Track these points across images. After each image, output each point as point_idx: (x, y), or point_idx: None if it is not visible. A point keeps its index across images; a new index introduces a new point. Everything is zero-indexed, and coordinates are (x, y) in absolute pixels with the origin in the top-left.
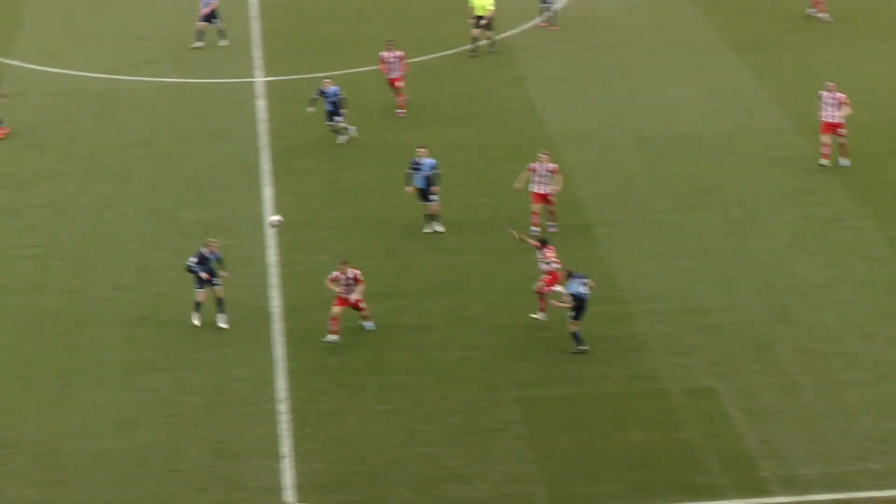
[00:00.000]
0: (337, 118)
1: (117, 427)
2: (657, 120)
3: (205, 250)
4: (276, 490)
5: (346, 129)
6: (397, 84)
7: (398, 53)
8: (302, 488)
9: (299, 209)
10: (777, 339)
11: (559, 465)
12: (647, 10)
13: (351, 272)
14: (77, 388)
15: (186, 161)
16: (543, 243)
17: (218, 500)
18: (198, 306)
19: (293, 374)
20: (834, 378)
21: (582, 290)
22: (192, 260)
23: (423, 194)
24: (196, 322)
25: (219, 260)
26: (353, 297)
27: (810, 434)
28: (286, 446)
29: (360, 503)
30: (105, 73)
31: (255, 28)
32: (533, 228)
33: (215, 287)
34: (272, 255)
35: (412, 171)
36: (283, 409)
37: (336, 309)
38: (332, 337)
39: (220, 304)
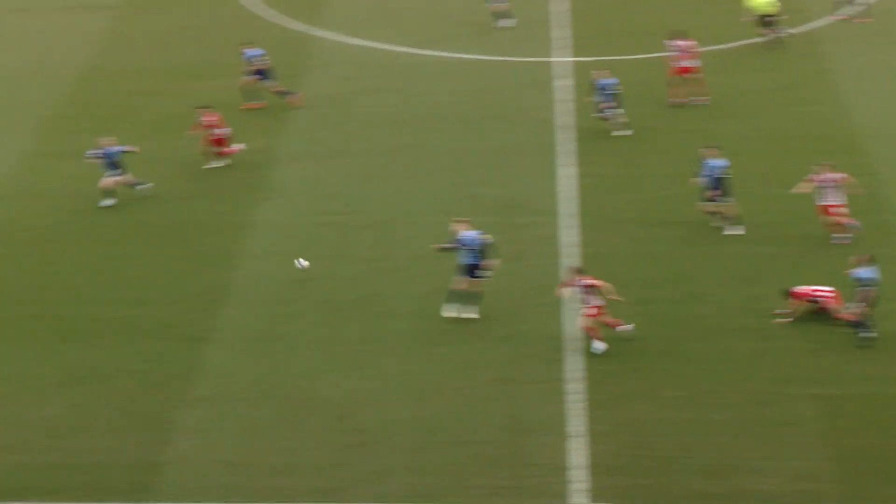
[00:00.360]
0: (612, 110)
1: (411, 395)
2: None
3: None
4: (565, 469)
5: (623, 122)
6: (691, 74)
7: (688, 42)
8: (591, 469)
9: (599, 191)
10: None
11: (854, 464)
12: None
13: (585, 280)
14: (373, 355)
15: (485, 138)
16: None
17: (507, 474)
18: (455, 295)
19: (587, 355)
20: None
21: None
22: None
23: (713, 196)
24: (449, 314)
25: (483, 248)
26: (594, 304)
27: None
28: (578, 426)
29: (649, 487)
30: (408, 47)
31: (556, 8)
32: (835, 237)
33: (478, 279)
34: (570, 235)
35: (701, 175)
36: (576, 388)
37: (586, 321)
38: (598, 345)
39: (475, 297)
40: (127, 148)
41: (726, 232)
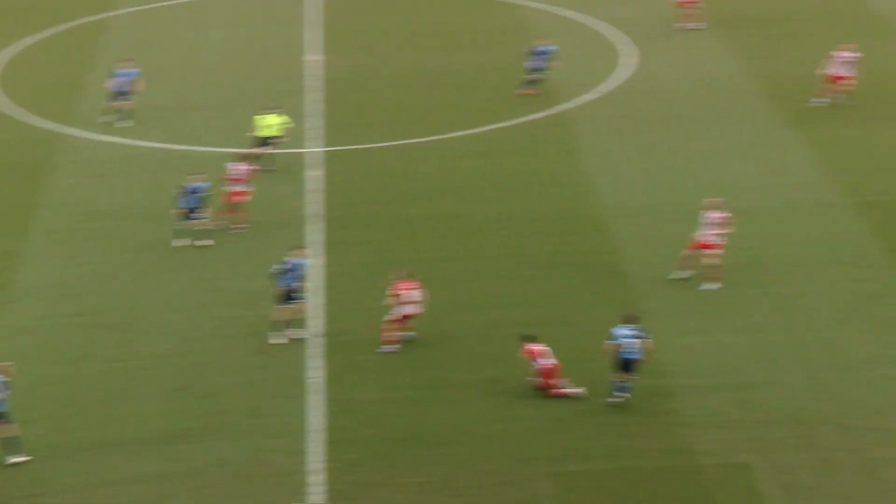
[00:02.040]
0: (198, 216)
1: (148, 501)
2: (708, 194)
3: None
4: None
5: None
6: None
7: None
8: None
9: (346, 279)
10: (816, 415)
11: None
12: (705, 84)
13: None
14: (110, 464)
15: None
16: (528, 339)
17: None
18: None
19: (330, 444)
20: (871, 455)
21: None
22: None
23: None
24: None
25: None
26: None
27: None
28: None
29: None
30: (162, 143)
31: (310, 98)
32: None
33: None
34: (318, 325)
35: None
36: (318, 480)
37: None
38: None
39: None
40: None
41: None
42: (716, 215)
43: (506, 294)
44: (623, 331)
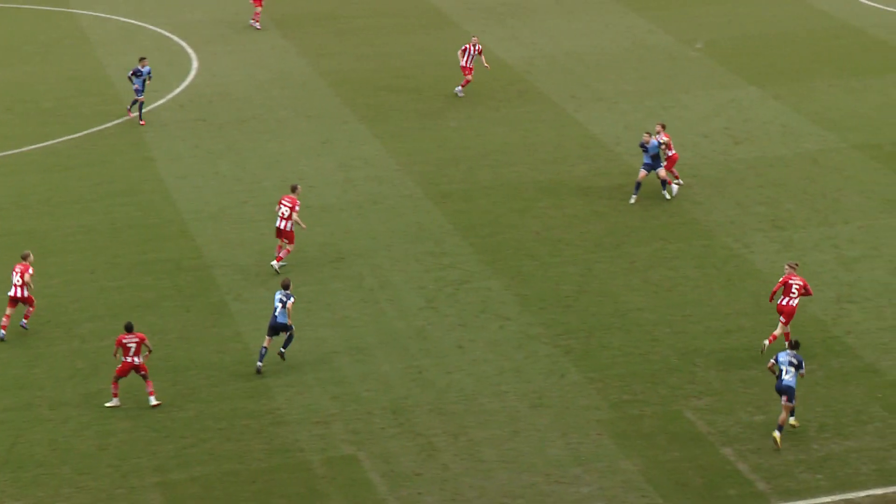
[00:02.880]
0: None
1: None
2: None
3: None
4: None
5: None
6: None
7: None
8: None
9: None
10: (414, 403)
11: None
12: (275, 84)
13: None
14: None
15: None
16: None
17: None
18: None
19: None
20: (470, 436)
21: None
22: None
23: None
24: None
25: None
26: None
27: (449, 493)
28: None
29: None
30: None
31: None
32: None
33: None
34: None
35: None
36: None
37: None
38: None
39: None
40: None
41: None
42: (287, 206)
43: (94, 307)
44: (278, 294)
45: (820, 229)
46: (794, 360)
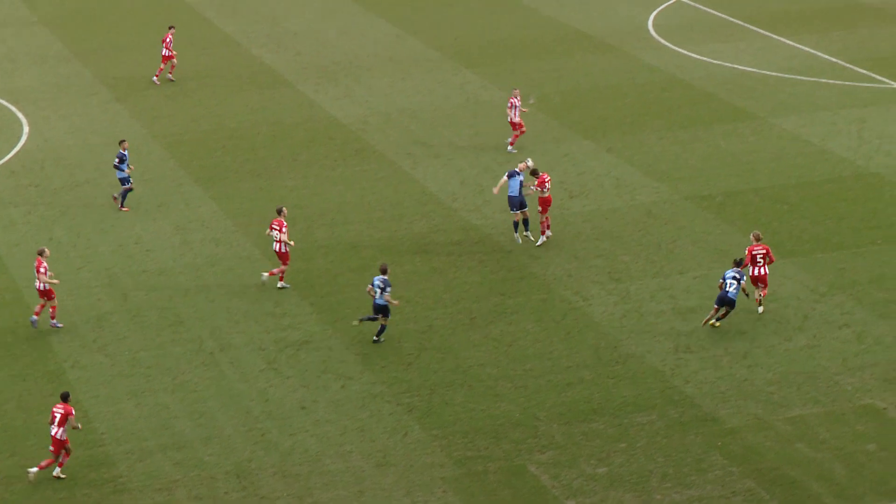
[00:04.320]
0: None
1: None
2: (125, 257)
3: None
4: None
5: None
6: None
7: None
8: None
9: None
10: (258, 466)
11: None
12: (108, 148)
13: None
14: None
15: None
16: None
17: None
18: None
19: None
20: (315, 498)
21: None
22: None
23: None
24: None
25: None
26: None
27: None
28: None
29: None
30: None
31: None
32: None
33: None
34: None
35: None
36: None
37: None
38: None
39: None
40: None
41: None
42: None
43: None
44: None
45: (656, 280)
46: (738, 276)
